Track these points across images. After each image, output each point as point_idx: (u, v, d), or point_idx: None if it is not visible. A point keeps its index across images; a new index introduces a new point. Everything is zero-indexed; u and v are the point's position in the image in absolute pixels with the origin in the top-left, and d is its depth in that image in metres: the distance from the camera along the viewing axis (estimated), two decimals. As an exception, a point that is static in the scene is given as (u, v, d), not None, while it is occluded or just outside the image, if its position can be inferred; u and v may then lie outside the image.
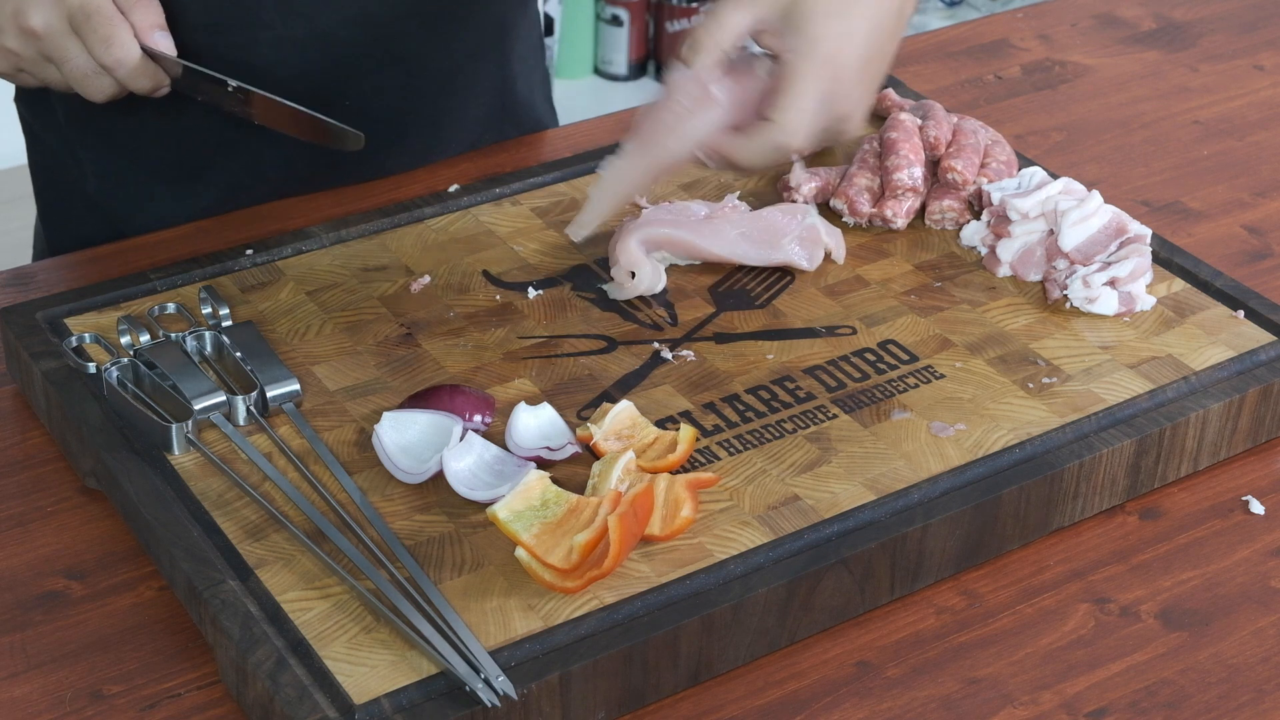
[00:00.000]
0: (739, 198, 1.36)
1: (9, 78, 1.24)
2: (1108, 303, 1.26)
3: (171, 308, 1.23)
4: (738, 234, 1.29)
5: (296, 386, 1.16)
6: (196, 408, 1.13)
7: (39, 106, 1.48)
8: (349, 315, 1.25)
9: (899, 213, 1.35)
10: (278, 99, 1.21)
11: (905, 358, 1.22)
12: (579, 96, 3.62)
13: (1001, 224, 1.31)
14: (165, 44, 1.23)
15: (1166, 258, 1.32)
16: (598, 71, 3.77)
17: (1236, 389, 1.20)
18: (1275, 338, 1.25)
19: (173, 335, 1.19)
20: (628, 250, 1.26)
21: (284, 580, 1.03)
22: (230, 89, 1.22)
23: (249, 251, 1.30)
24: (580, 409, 1.17)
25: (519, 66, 1.54)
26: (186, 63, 1.23)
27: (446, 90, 1.47)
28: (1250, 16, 1.81)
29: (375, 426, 1.11)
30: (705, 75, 1.15)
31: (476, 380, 1.19)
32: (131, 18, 1.21)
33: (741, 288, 1.29)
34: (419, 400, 1.15)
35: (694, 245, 1.28)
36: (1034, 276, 1.30)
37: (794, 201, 1.36)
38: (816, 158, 1.44)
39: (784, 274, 1.30)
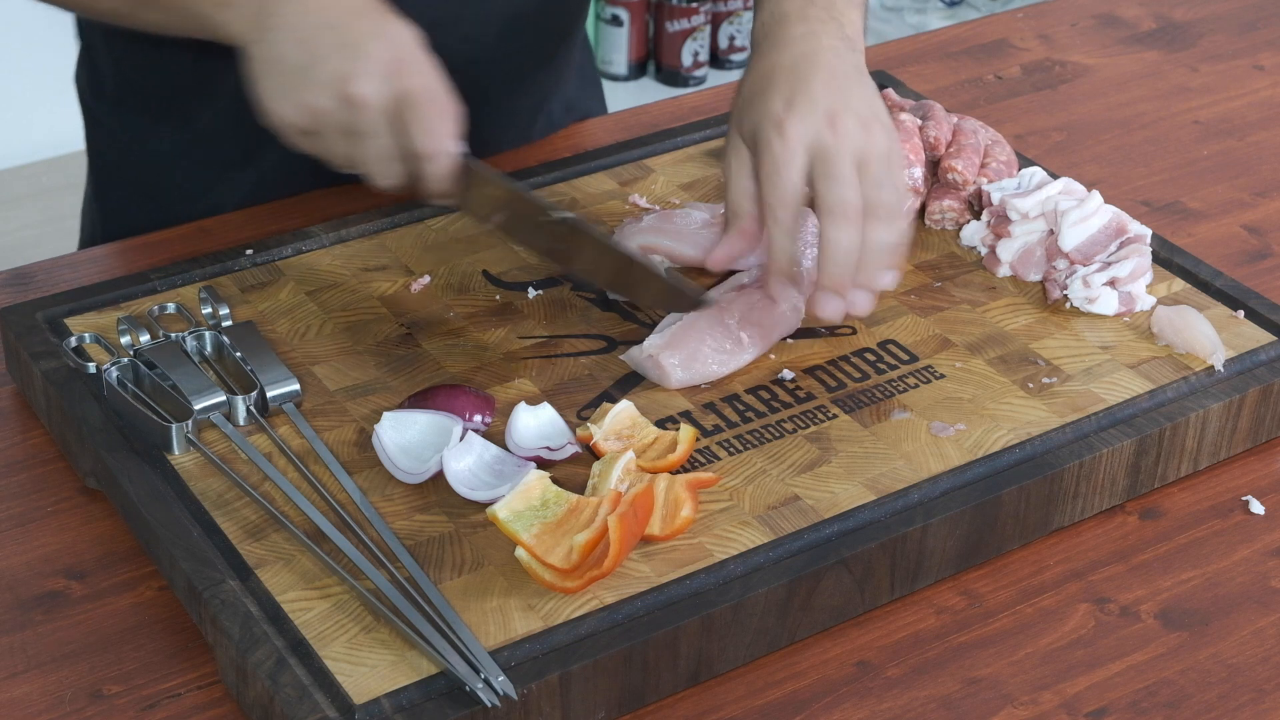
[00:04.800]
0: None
1: (293, 135, 1.15)
2: (1108, 303, 1.26)
3: (171, 308, 1.23)
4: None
5: (296, 386, 1.16)
6: (196, 408, 1.13)
7: (107, 94, 1.49)
8: (349, 315, 1.25)
9: (899, 213, 1.35)
10: (612, 243, 1.16)
11: (905, 358, 1.22)
12: (579, 97, 3.62)
13: (1001, 224, 1.31)
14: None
15: (1166, 258, 1.32)
16: (598, 71, 3.77)
17: (1236, 389, 1.20)
18: (1275, 338, 1.25)
19: (173, 335, 1.19)
20: (627, 252, 1.26)
21: (284, 580, 1.03)
22: (554, 218, 1.16)
23: (249, 251, 1.30)
24: (580, 409, 1.17)
25: (578, 66, 1.59)
26: (502, 177, 1.17)
27: (517, 85, 1.50)
28: (1250, 16, 1.81)
29: (375, 426, 1.11)
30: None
31: (476, 380, 1.19)
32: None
33: (741, 288, 1.29)
34: (419, 400, 1.15)
35: (694, 259, 1.28)
36: (1034, 276, 1.30)
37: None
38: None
39: (784, 274, 1.30)
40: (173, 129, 1.46)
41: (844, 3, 1.24)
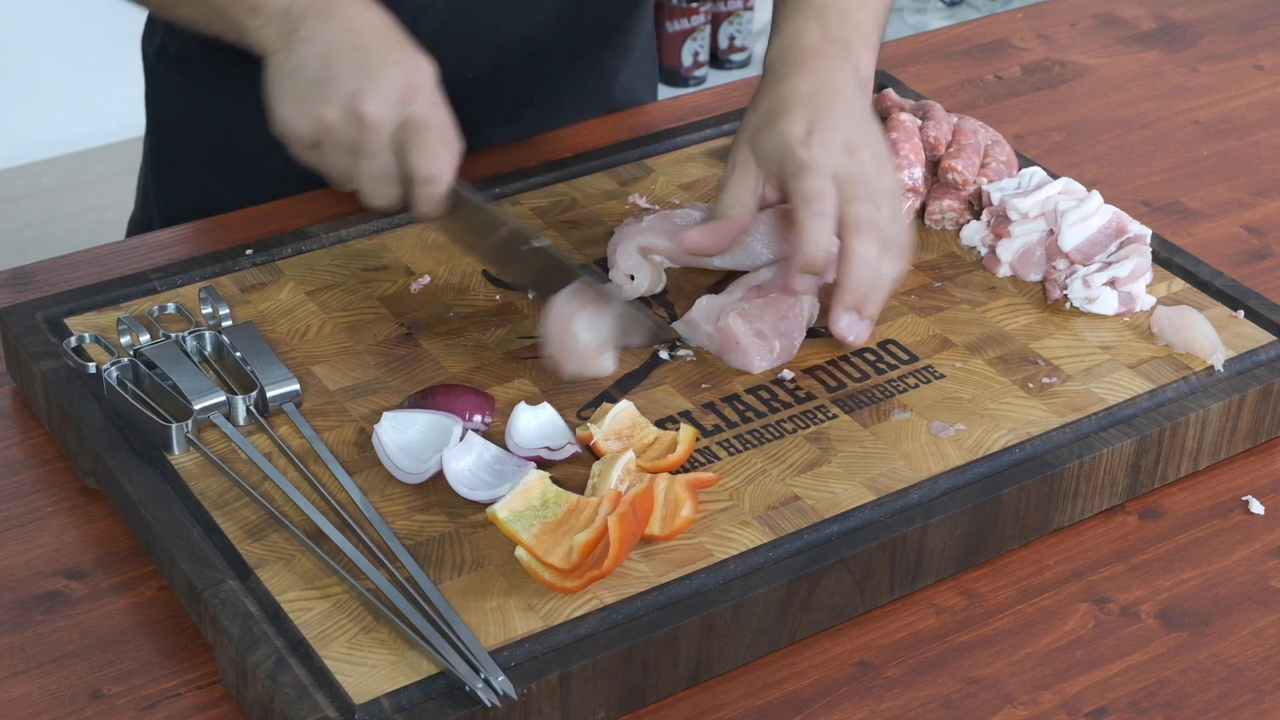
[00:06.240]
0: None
1: (297, 144, 1.19)
2: (1108, 303, 1.26)
3: (171, 308, 1.23)
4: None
5: (296, 386, 1.16)
6: (196, 408, 1.13)
7: (170, 56, 1.52)
8: (349, 315, 1.25)
9: (899, 213, 1.35)
10: (593, 277, 1.19)
11: (905, 358, 1.22)
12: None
13: (1001, 224, 1.31)
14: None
15: (1166, 258, 1.32)
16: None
17: (1236, 389, 1.20)
18: (1275, 338, 1.25)
19: (173, 335, 1.19)
20: (627, 254, 1.26)
21: (284, 580, 1.03)
22: (531, 247, 1.19)
23: (249, 251, 1.30)
24: (580, 409, 1.17)
25: (634, 57, 1.60)
26: (491, 207, 1.20)
27: (567, 72, 1.52)
28: (1250, 16, 1.81)
29: (375, 426, 1.11)
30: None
31: (476, 380, 1.19)
32: None
33: (741, 288, 1.29)
34: (419, 400, 1.15)
35: (693, 260, 1.28)
36: (1034, 276, 1.30)
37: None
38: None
39: (784, 274, 1.30)
40: (236, 90, 1.47)
41: (860, 44, 1.28)
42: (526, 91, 1.51)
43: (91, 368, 1.17)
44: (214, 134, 1.52)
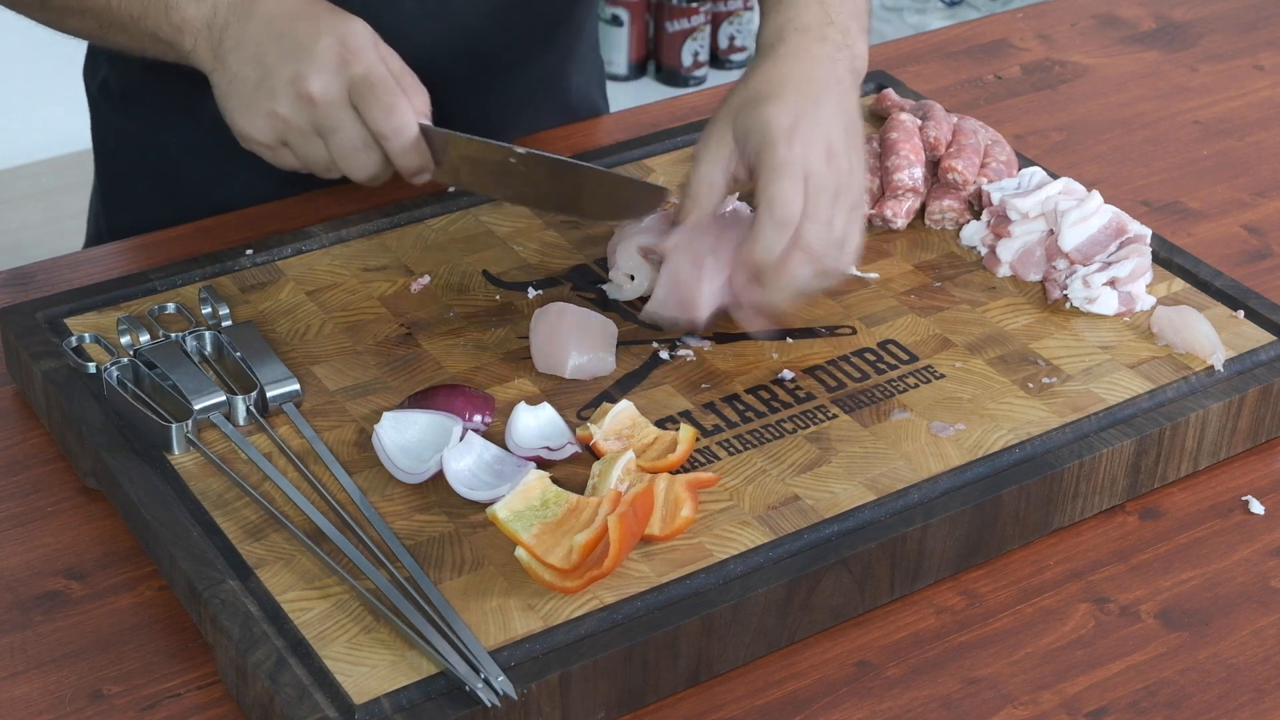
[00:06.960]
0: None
1: (268, 150, 1.19)
2: (1108, 303, 1.26)
3: (171, 308, 1.23)
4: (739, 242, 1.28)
5: (296, 386, 1.16)
6: (196, 408, 1.13)
7: (114, 89, 1.51)
8: (349, 315, 1.25)
9: (899, 213, 1.35)
10: (574, 161, 1.18)
11: (905, 358, 1.22)
12: (579, 96, 3.62)
13: (1001, 224, 1.31)
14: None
15: (1166, 258, 1.32)
16: (603, 66, 3.76)
17: (1236, 389, 1.20)
18: (1275, 338, 1.25)
19: (173, 335, 1.19)
20: (627, 254, 1.26)
21: (284, 580, 1.03)
22: (515, 158, 1.18)
23: (249, 251, 1.30)
24: (580, 409, 1.17)
25: (579, 58, 1.59)
26: (466, 135, 1.18)
27: (512, 76, 1.52)
28: (1250, 16, 1.81)
29: (375, 426, 1.11)
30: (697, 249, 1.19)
31: (476, 380, 1.19)
32: (407, 96, 1.19)
33: (741, 288, 1.29)
34: (419, 400, 1.15)
35: None
36: (1034, 276, 1.30)
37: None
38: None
39: (784, 274, 1.30)
40: (181, 122, 1.46)
41: (858, 31, 1.26)
42: (468, 92, 1.50)
43: (91, 368, 1.17)
44: (162, 166, 1.51)
